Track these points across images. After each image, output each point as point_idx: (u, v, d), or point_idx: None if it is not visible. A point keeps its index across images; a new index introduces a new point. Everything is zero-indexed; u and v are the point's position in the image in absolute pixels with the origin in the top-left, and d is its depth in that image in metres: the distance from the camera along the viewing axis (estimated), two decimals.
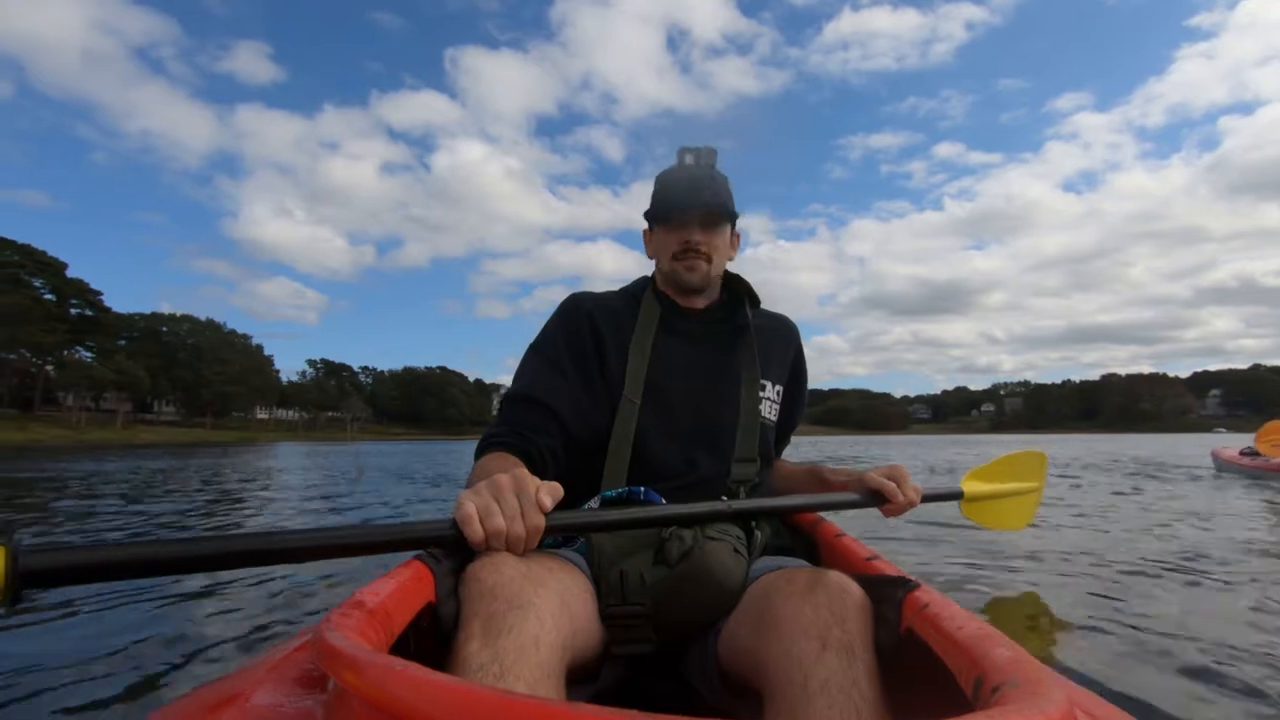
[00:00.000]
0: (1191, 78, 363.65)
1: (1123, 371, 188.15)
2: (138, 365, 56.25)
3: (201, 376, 65.89)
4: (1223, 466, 8.81)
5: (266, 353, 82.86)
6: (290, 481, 8.97)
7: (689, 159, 1.22)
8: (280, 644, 0.72)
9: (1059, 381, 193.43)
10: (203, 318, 73.05)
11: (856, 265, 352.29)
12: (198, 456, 17.62)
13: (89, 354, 56.33)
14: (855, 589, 0.75)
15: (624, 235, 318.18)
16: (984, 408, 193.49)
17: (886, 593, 0.76)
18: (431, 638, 0.73)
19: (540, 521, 0.77)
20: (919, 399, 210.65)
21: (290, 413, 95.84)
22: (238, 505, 5.88)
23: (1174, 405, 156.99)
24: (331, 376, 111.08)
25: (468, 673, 0.62)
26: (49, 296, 52.74)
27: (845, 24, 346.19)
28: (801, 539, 1.23)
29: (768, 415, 1.21)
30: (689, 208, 1.17)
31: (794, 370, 1.33)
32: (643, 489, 0.96)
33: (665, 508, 0.86)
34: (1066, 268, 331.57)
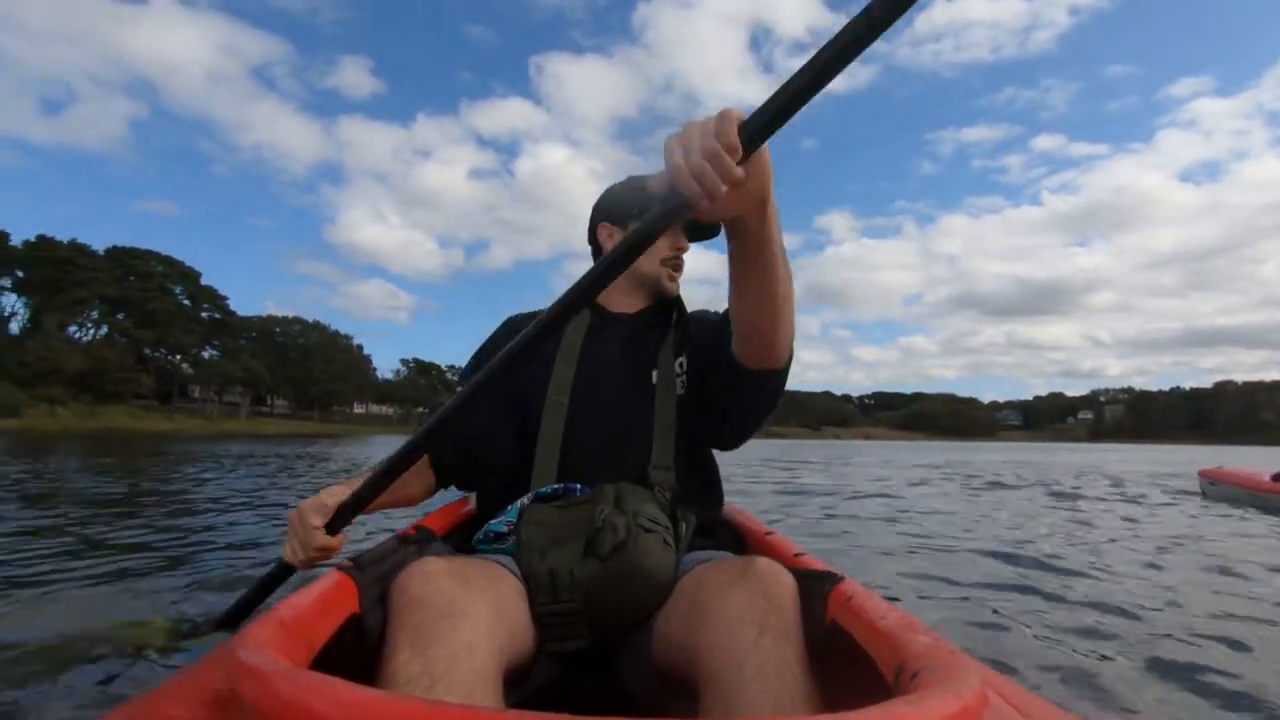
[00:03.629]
0: None
1: (1248, 378, 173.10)
2: (260, 364, 62.99)
3: (310, 374, 72.47)
4: (1213, 490, 7.18)
5: (365, 352, 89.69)
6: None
7: None
8: (191, 664, 0.68)
9: (1169, 388, 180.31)
10: (309, 319, 79.77)
11: (946, 263, 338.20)
12: (327, 445, 20.86)
13: (216, 353, 63.44)
14: (787, 576, 0.77)
15: None
16: (1081, 415, 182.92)
17: (813, 586, 0.77)
18: (356, 651, 0.71)
19: (318, 541, 0.91)
20: (1009, 404, 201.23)
21: (384, 408, 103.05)
22: None
23: None
24: (422, 375, 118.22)
25: (396, 686, 0.60)
26: (186, 302, 59.90)
27: (939, 14, 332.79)
28: (730, 535, 1.26)
29: (681, 391, 1.18)
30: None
31: (695, 324, 1.24)
32: (578, 485, 1.02)
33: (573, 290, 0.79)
34: (1184, 265, 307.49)
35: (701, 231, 1.28)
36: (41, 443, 18.14)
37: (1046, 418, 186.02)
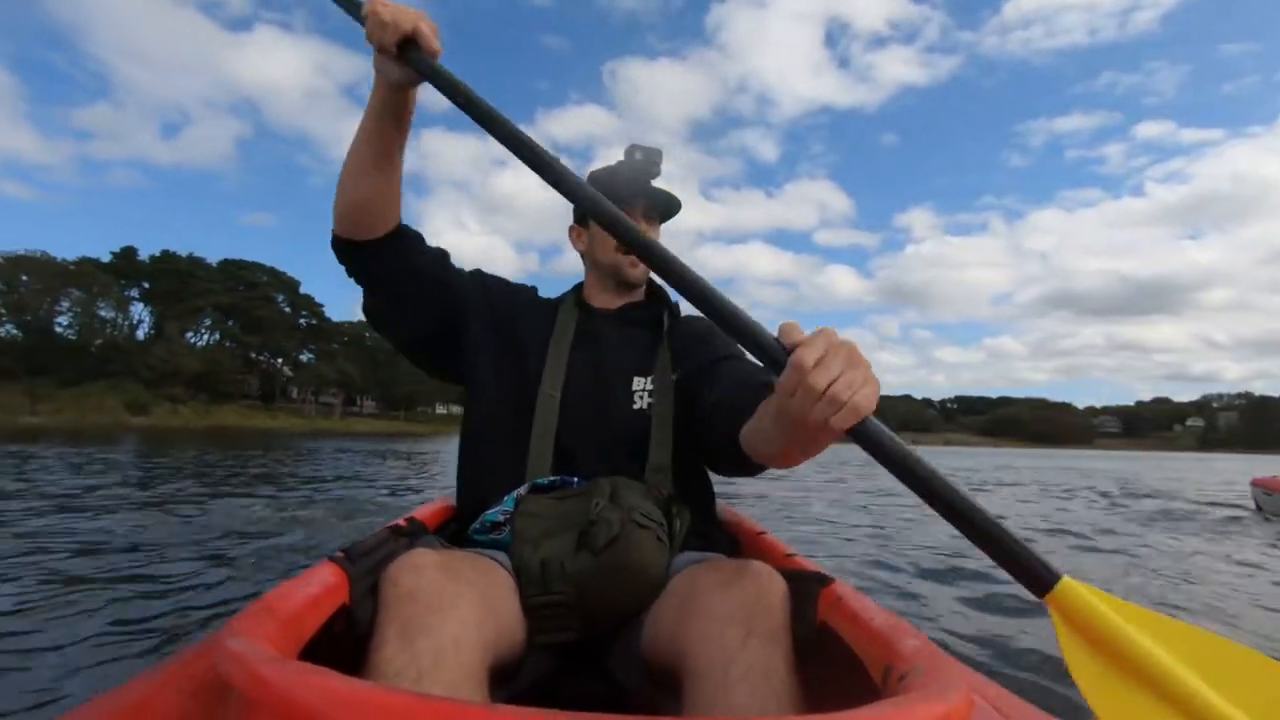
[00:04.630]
0: None
1: None
2: (352, 366, 67.34)
3: (397, 376, 76.64)
4: (1270, 501, 6.38)
5: None
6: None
7: (638, 155, 1.18)
8: (181, 651, 0.69)
9: None
10: None
11: (1037, 260, 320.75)
12: (412, 443, 22.68)
13: (312, 356, 68.21)
14: (778, 579, 0.76)
15: (777, 236, 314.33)
16: (1190, 422, 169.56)
17: (803, 587, 0.78)
18: (346, 643, 0.71)
19: (388, 37, 0.88)
20: (1106, 410, 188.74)
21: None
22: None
23: None
24: None
25: (383, 678, 0.61)
26: (287, 309, 64.73)
27: (1028, 0, 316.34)
28: (723, 535, 1.25)
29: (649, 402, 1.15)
30: (639, 198, 1.19)
31: (701, 347, 1.17)
32: (575, 479, 1.01)
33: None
34: None
35: (666, 213, 1.28)
36: (169, 439, 20.42)
37: (1150, 425, 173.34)
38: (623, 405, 1.15)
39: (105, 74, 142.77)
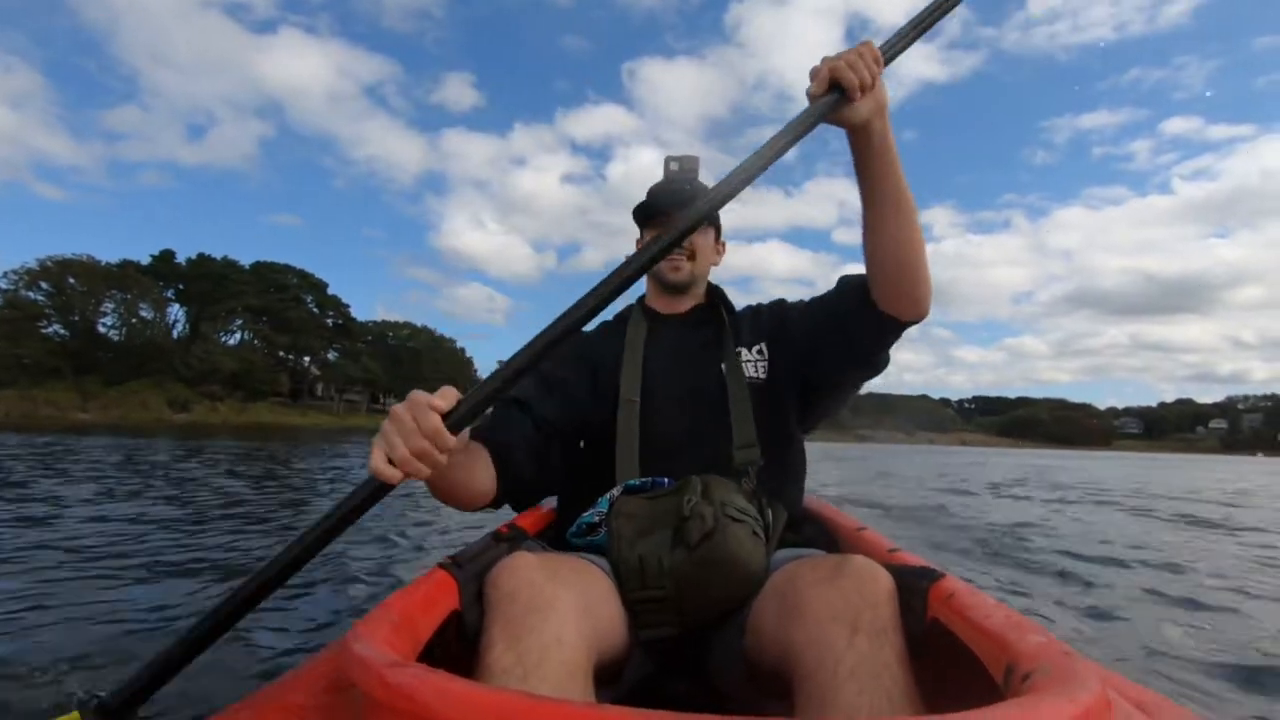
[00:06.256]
0: None
1: None
2: (376, 365, 69.55)
3: (420, 374, 78.52)
4: None
5: (467, 355, 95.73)
6: None
7: (674, 166, 1.26)
8: (310, 656, 0.74)
9: None
10: (418, 323, 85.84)
11: (1061, 259, 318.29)
12: None
13: (338, 355, 70.46)
14: (883, 574, 0.74)
15: (795, 235, 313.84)
16: (1214, 424, 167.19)
17: (911, 582, 0.75)
18: (458, 645, 0.75)
19: (433, 421, 0.72)
20: (1128, 411, 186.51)
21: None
22: None
23: None
24: None
25: (493, 678, 0.63)
26: (315, 310, 66.97)
27: None
28: (819, 531, 1.25)
29: (755, 375, 1.22)
30: (670, 208, 1.25)
31: (773, 314, 1.30)
32: (666, 479, 1.03)
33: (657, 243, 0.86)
34: None
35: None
36: (209, 434, 21.46)
37: (1172, 426, 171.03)
38: (700, 400, 1.20)
39: (133, 76, 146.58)
